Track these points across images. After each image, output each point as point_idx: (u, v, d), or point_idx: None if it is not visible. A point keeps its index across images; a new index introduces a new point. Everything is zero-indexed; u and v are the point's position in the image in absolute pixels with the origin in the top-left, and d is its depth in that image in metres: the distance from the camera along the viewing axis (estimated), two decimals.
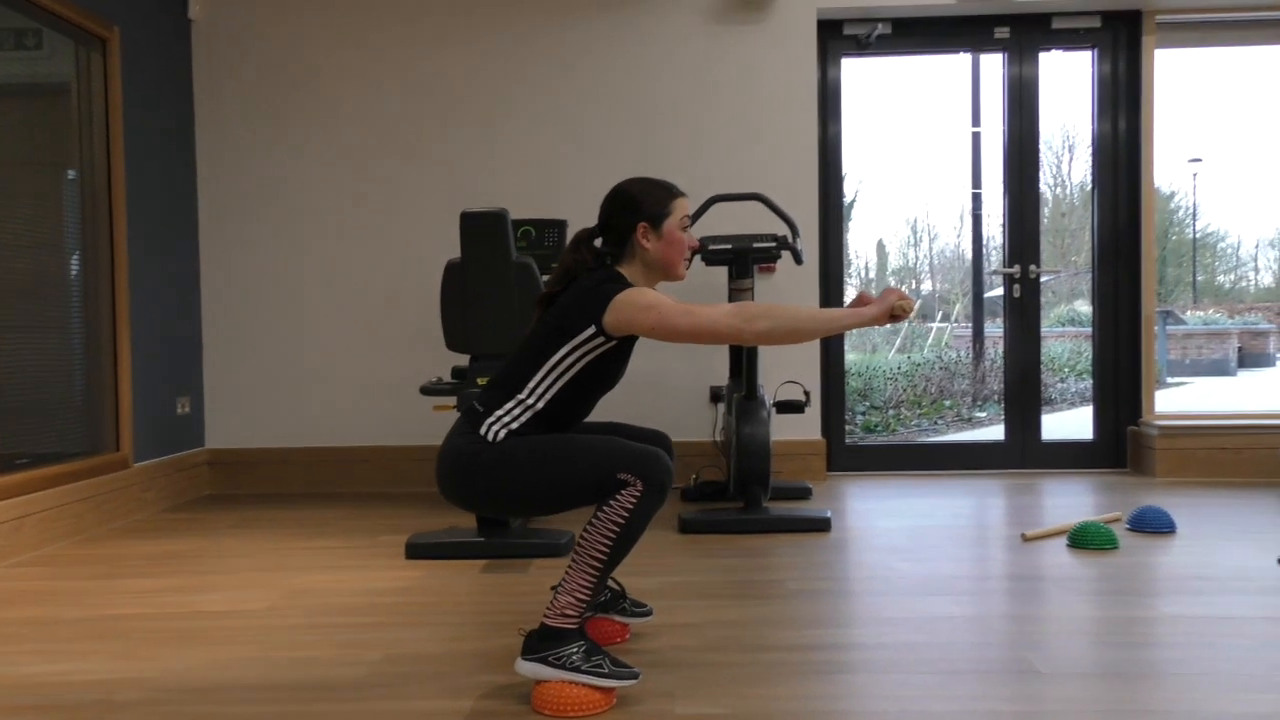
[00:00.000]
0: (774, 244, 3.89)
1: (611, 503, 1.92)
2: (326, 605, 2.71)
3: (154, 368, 4.34)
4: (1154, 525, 3.44)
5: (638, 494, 1.91)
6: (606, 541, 1.92)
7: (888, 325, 2.10)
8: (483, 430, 2.01)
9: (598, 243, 2.17)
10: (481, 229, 3.35)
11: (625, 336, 2.04)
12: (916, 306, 1.98)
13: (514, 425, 2.02)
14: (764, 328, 1.96)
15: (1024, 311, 4.97)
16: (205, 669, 2.20)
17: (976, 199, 5.58)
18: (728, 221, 4.65)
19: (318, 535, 3.69)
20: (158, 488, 4.31)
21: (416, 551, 3.27)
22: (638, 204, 2.10)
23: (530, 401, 2.04)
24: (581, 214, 4.65)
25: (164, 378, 4.43)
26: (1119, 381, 4.96)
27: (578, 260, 2.11)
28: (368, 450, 4.78)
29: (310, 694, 2.02)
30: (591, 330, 2.00)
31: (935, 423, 6.83)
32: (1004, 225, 4.99)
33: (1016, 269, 4.94)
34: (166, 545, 3.56)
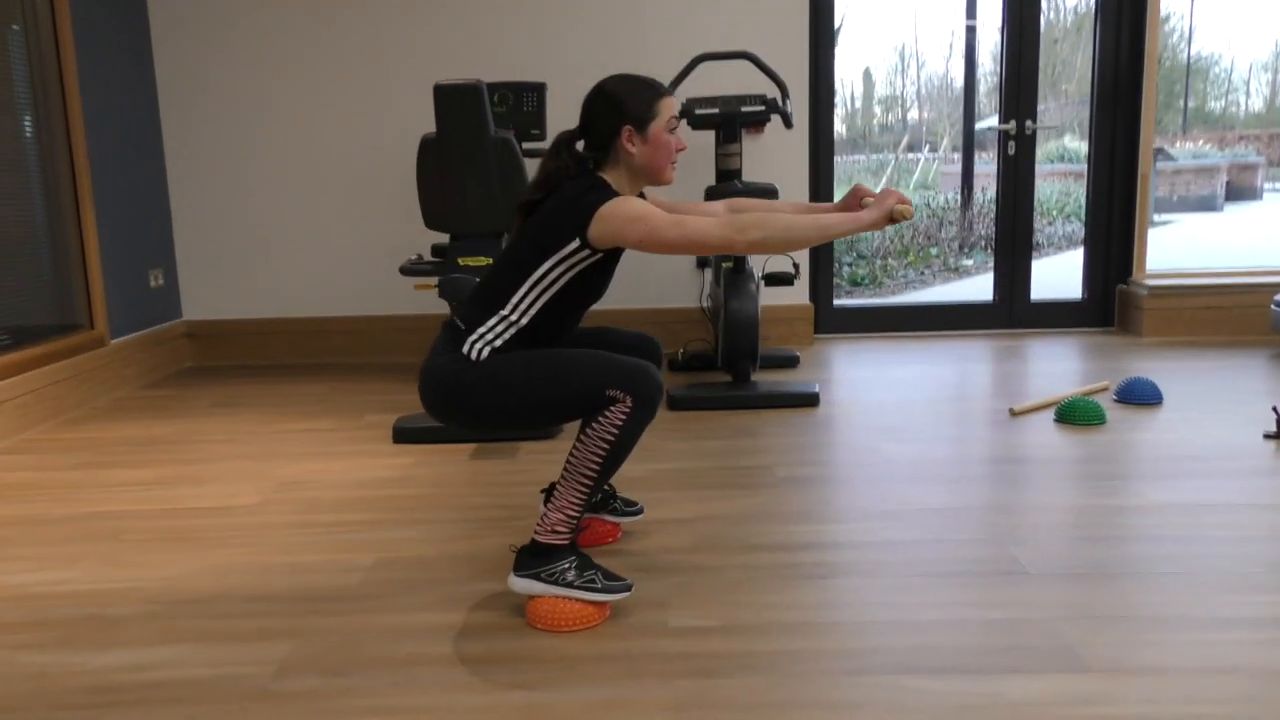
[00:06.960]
0: (763, 107, 3.72)
1: (601, 419, 1.87)
2: (317, 500, 2.71)
3: (122, 239, 4.20)
4: (1141, 397, 3.46)
5: (627, 410, 1.86)
6: (596, 458, 1.88)
7: (887, 229, 2.01)
8: (465, 349, 1.94)
9: (580, 146, 2.04)
10: (457, 103, 3.17)
11: (611, 249, 1.95)
12: (914, 208, 1.89)
13: (497, 343, 1.95)
14: (757, 237, 1.87)
15: (1018, 169, 4.83)
16: (198, 576, 2.20)
17: (970, 31, 5.31)
18: (715, 83, 4.44)
19: (303, 415, 3.67)
20: (137, 363, 4.25)
21: (404, 436, 3.26)
22: (622, 105, 1.96)
23: (514, 318, 1.96)
24: (565, 80, 4.43)
25: (134, 250, 4.29)
26: (1111, 236, 4.89)
27: (559, 166, 1.99)
28: (350, 320, 4.70)
29: (305, 606, 2.03)
30: (576, 244, 1.90)
31: (922, 273, 6.77)
32: (999, 73, 4.78)
33: (1012, 124, 4.77)
34: (150, 428, 3.53)
